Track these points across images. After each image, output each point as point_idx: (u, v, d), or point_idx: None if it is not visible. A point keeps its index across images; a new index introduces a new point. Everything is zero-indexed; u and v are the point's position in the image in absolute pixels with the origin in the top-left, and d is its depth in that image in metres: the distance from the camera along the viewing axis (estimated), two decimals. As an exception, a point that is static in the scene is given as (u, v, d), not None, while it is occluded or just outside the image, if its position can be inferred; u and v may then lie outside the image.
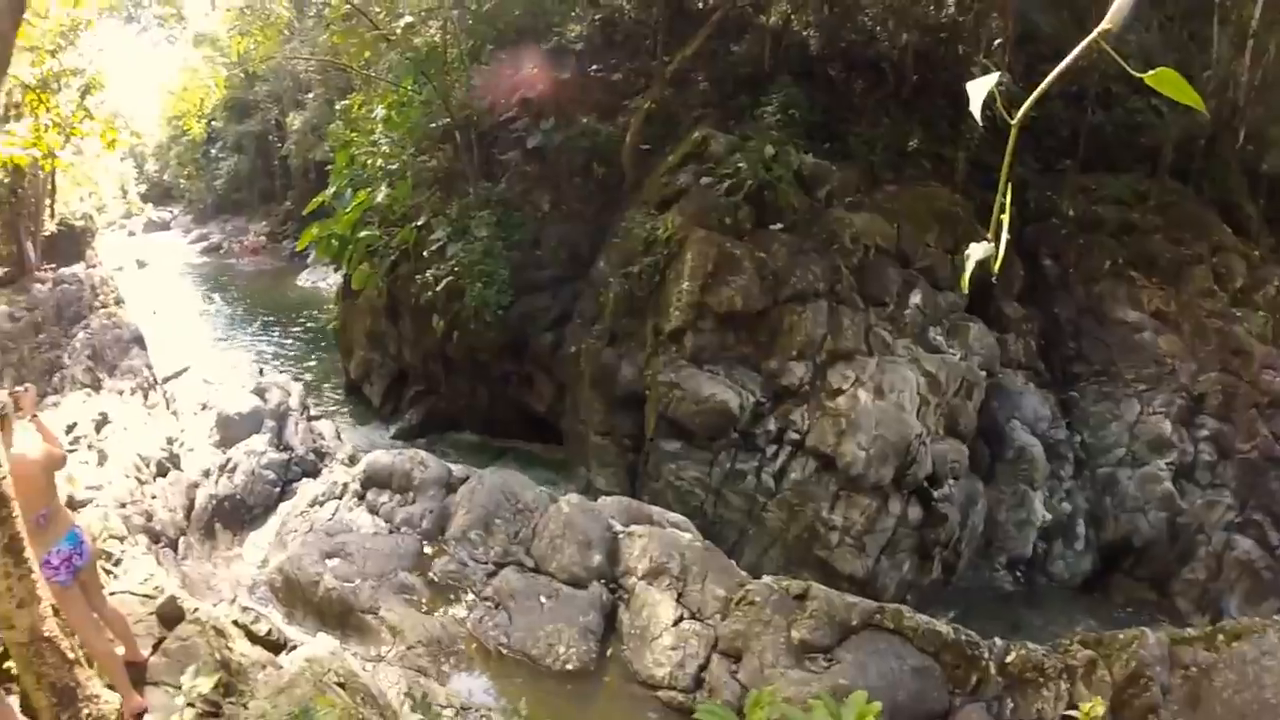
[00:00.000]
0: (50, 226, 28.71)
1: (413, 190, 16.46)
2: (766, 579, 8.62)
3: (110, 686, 5.02)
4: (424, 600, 8.88)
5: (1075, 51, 1.23)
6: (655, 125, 14.67)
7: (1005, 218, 1.32)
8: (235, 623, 6.37)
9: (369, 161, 17.54)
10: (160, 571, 7.00)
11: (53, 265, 25.62)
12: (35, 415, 5.07)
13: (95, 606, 5.07)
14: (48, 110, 16.56)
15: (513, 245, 14.76)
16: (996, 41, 13.65)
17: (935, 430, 11.30)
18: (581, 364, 13.38)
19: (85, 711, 2.84)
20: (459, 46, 16.61)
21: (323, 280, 28.69)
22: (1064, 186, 14.53)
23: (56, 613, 3.10)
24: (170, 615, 5.83)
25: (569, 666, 8.09)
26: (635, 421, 12.51)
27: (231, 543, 11.35)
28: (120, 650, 5.14)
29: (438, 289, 14.40)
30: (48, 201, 29.28)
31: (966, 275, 1.43)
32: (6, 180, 23.10)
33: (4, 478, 2.78)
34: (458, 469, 10.82)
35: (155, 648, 5.59)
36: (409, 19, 16.86)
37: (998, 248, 1.37)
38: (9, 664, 4.00)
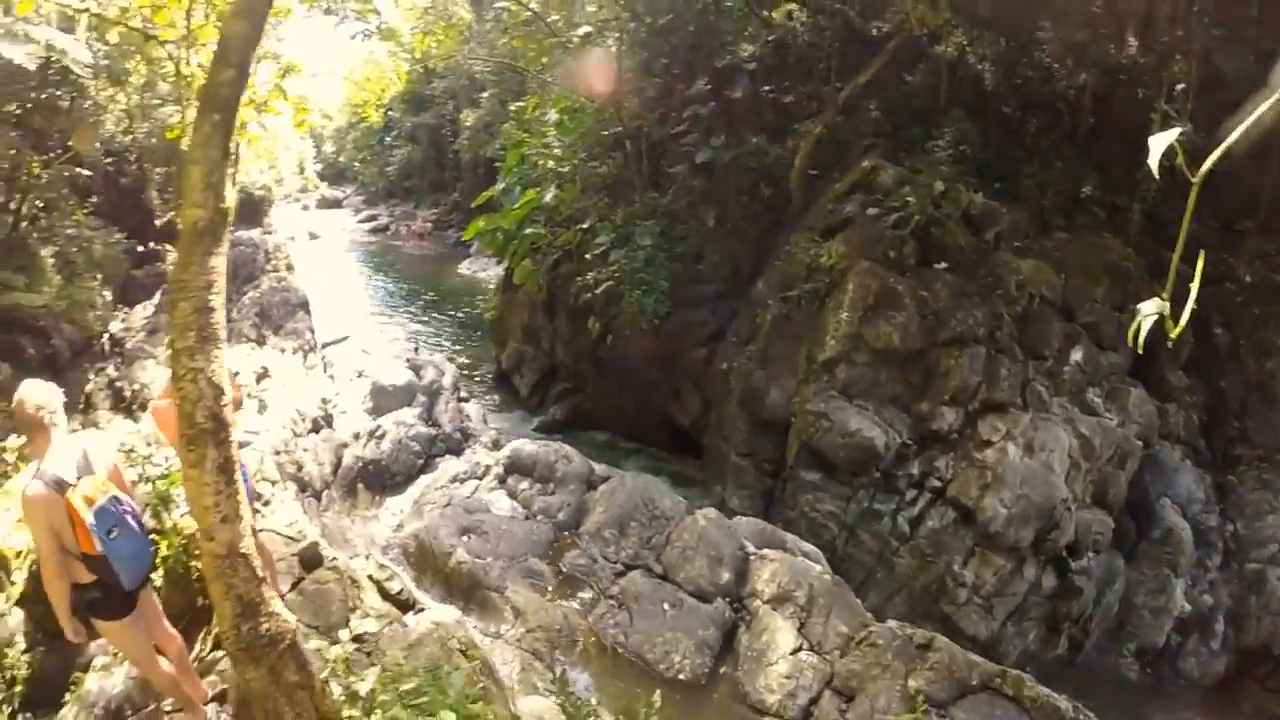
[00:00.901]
0: (232, 193, 30.60)
1: (580, 194, 16.98)
2: (891, 623, 8.55)
3: None
4: (550, 588, 9.13)
5: (1263, 108, 1.19)
6: (825, 150, 14.66)
7: (1194, 282, 1.26)
8: (370, 577, 6.79)
9: (539, 162, 18.20)
10: (304, 518, 7.52)
11: (231, 228, 27.11)
12: None
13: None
14: (249, 88, 17.63)
15: (674, 257, 15.01)
16: (1179, 86, 13.02)
17: (1082, 497, 10.93)
18: (731, 382, 13.47)
19: (265, 625, 3.11)
20: (633, 59, 17.01)
21: (483, 271, 29.67)
22: (1242, 250, 13.49)
23: (254, 533, 3.38)
24: (310, 559, 6.37)
25: (681, 676, 8.19)
26: (777, 447, 12.47)
27: (370, 504, 11.93)
28: None
29: (597, 292, 14.81)
30: (231, 170, 31.25)
31: (1139, 335, 1.39)
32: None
33: (225, 405, 3.08)
34: (600, 468, 11.11)
35: (293, 586, 6.13)
36: (587, 28, 17.43)
37: (1178, 311, 1.32)
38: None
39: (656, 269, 14.56)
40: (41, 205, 19.44)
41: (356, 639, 5.51)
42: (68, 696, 6.17)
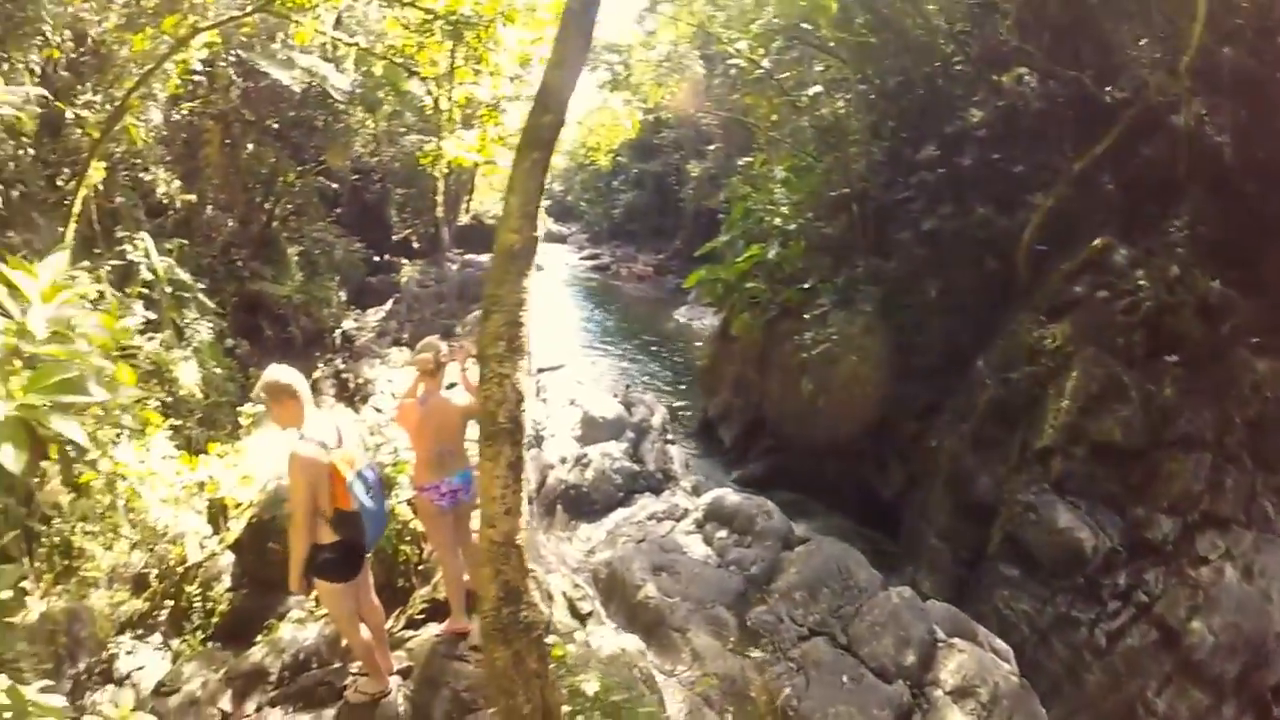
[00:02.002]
0: (464, 219, 33.14)
1: (804, 253, 17.19)
2: (1072, 742, 8.22)
3: (447, 603, 6.15)
4: (732, 639, 9.24)
5: None
6: (1054, 225, 14.16)
7: None
8: (564, 593, 7.33)
9: (764, 218, 18.60)
10: None
11: (461, 251, 29.57)
12: (464, 370, 6.19)
13: (460, 538, 6.18)
14: (496, 125, 19.16)
15: (895, 326, 14.97)
16: None
17: (1297, 633, 10.05)
18: (939, 461, 13.27)
19: (524, 613, 3.49)
20: (861, 120, 17.16)
21: (698, 320, 30.29)
22: None
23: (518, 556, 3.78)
24: None
25: (847, 753, 8.15)
26: (978, 534, 12.14)
27: (566, 526, 12.58)
28: (465, 578, 6.20)
29: (814, 353, 14.96)
30: (465, 198, 33.86)
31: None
32: (447, 174, 27.07)
33: (524, 410, 3.52)
34: (799, 528, 11.22)
35: None
36: (817, 88, 17.74)
37: None
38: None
39: (875, 337, 14.60)
40: (292, 209, 21.90)
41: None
42: (259, 638, 7.04)
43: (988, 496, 12.15)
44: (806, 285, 16.36)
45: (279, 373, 4.84)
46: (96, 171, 10.84)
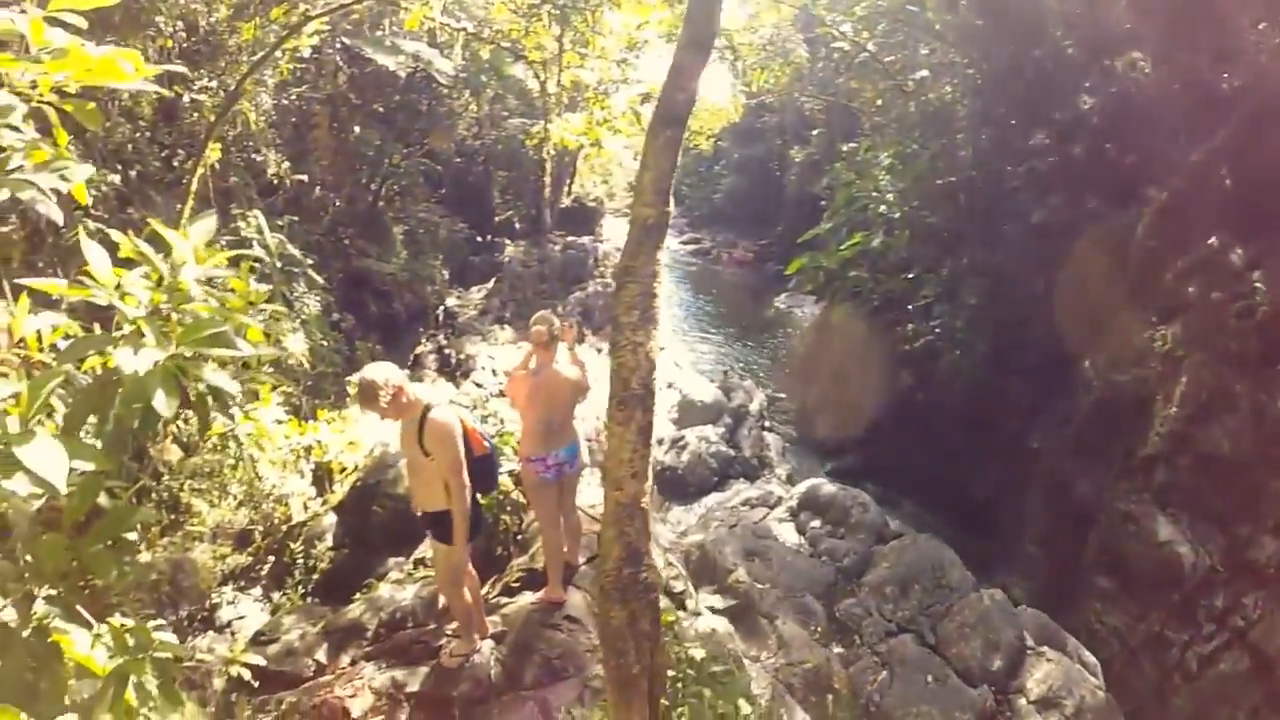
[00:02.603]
0: (566, 201, 33.67)
1: (909, 242, 17.01)
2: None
3: (544, 573, 6.47)
4: (819, 629, 9.47)
5: None
6: (1168, 221, 13.51)
7: None
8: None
9: (869, 206, 18.40)
10: (599, 505, 8.40)
11: (563, 233, 30.11)
12: (573, 347, 6.47)
13: (564, 510, 6.47)
14: (602, 108, 19.59)
15: (999, 321, 14.69)
16: None
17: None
18: (1039, 463, 13.05)
19: (644, 574, 3.65)
20: (969, 106, 16.79)
21: (798, 307, 30.18)
22: None
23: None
24: None
25: (927, 754, 8.17)
26: (1075, 542, 11.86)
27: (660, 507, 12.79)
28: (564, 550, 6.51)
29: (915, 345, 14.90)
30: (567, 181, 34.38)
31: None
32: (550, 157, 27.60)
33: (654, 378, 3.72)
34: (894, 523, 11.36)
35: (589, 560, 6.91)
36: (924, 73, 17.40)
37: None
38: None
39: (979, 331, 14.37)
40: (398, 190, 22.69)
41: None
42: (358, 596, 7.41)
43: (1087, 504, 11.85)
44: (910, 275, 16.22)
45: (381, 371, 5.12)
46: (213, 152, 11.44)
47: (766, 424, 16.21)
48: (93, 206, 9.04)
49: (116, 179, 9.12)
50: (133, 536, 3.02)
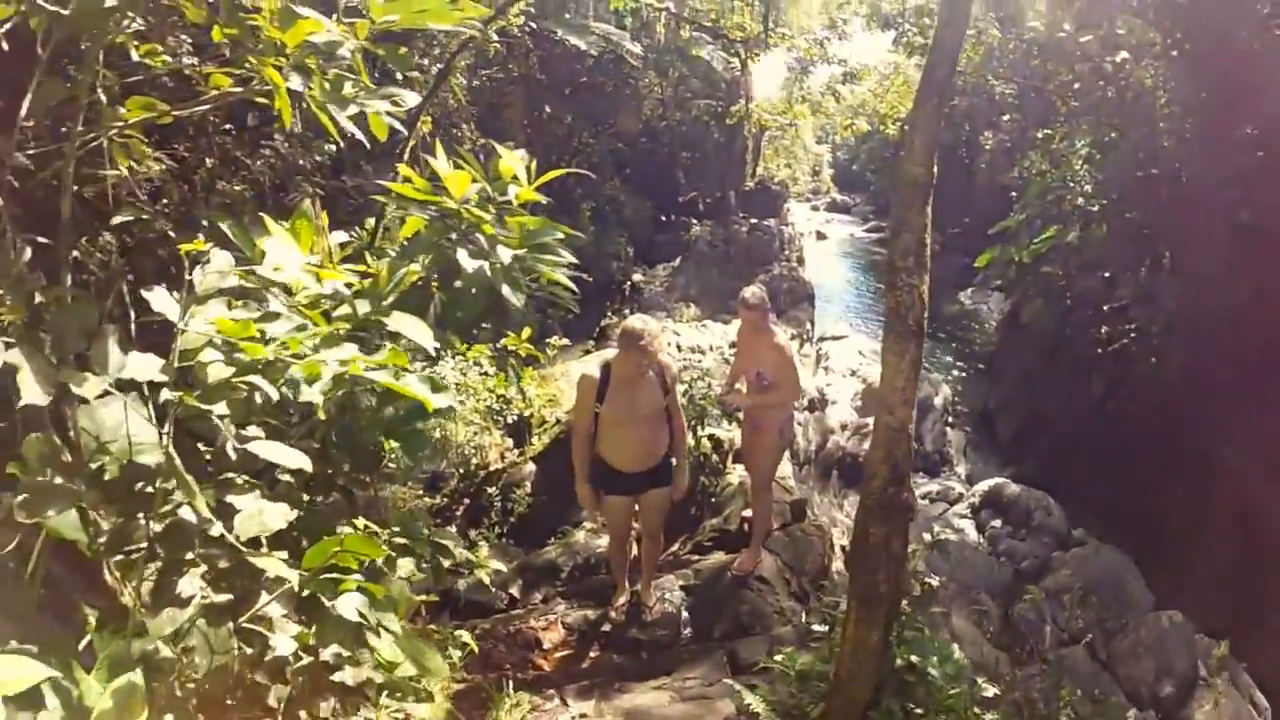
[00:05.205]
0: (750, 184, 34.15)
1: (1106, 238, 16.49)
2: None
3: (736, 534, 7.18)
4: (991, 629, 9.63)
5: None
6: None
7: None
8: (842, 547, 8.05)
9: (1064, 197, 17.82)
10: (790, 478, 8.99)
11: (746, 215, 30.69)
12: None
13: None
14: (801, 88, 20.19)
15: (1201, 330, 14.08)
16: None
17: None
18: (1234, 487, 12.60)
19: (905, 495, 4.14)
20: (1172, 91, 16.01)
21: (983, 302, 29.79)
22: None
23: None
24: (798, 510, 7.83)
25: (1080, 771, 8.32)
26: (1265, 575, 11.32)
27: (837, 491, 13.19)
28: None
29: (1108, 348, 14.50)
30: (752, 163, 34.81)
31: None
32: (750, 135, 28.39)
33: (925, 316, 4.22)
34: (1077, 530, 11.50)
35: (782, 527, 7.53)
36: (1124, 55, 16.62)
37: None
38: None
39: (1178, 339, 13.91)
40: (586, 167, 23.83)
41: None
42: (553, 540, 8.22)
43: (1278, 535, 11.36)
44: (1107, 274, 15.82)
45: (647, 321, 5.74)
46: (424, 124, 12.54)
47: (950, 420, 16.29)
48: (307, 177, 9.99)
49: (332, 147, 10.04)
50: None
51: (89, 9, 2.65)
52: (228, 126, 8.04)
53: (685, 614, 6.62)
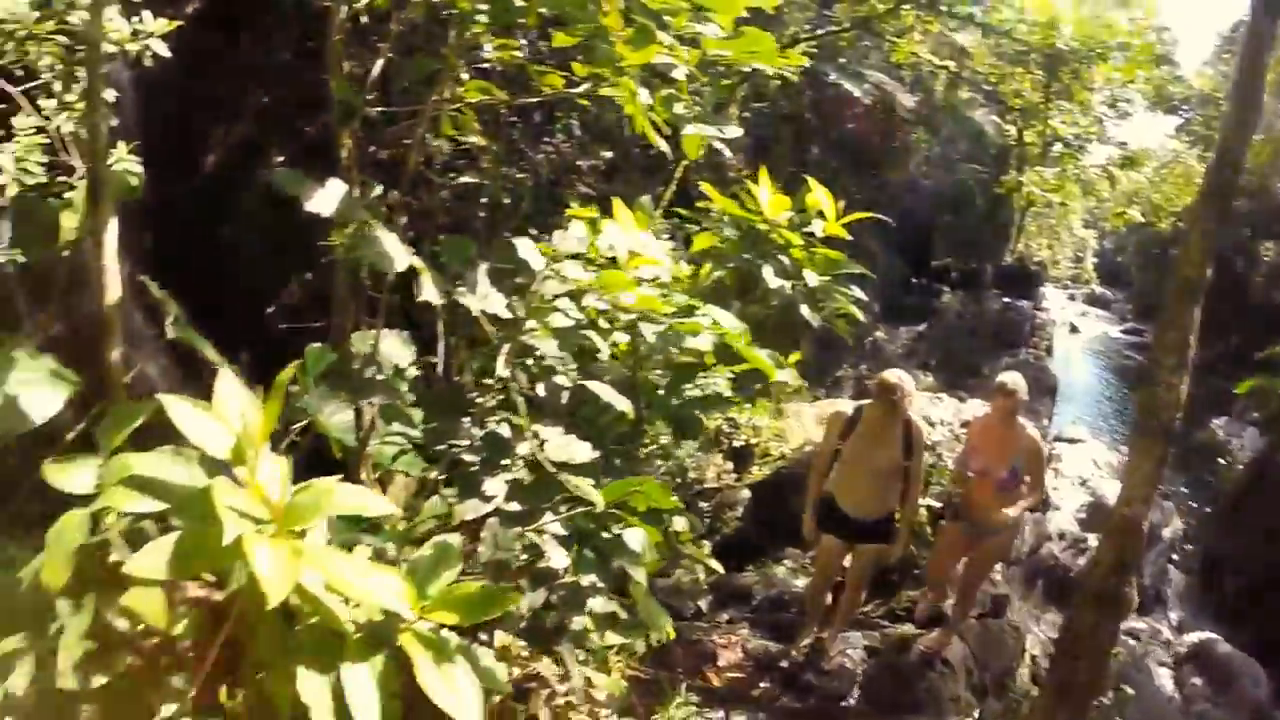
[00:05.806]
0: (1008, 259, 32.96)
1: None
2: None
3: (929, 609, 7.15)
4: None
5: None
6: None
7: None
8: (1033, 655, 7.88)
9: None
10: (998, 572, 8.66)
11: (999, 291, 29.67)
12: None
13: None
14: (1074, 165, 19.46)
15: None
16: None
17: None
18: None
19: (1125, 588, 4.35)
20: None
21: (1237, 435, 27.60)
22: None
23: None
24: (999, 605, 7.89)
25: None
26: None
27: (1039, 602, 12.24)
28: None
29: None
30: (1013, 238, 33.54)
31: None
32: (1020, 207, 27.53)
33: (1178, 417, 4.30)
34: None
35: (978, 617, 7.43)
36: None
37: None
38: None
39: None
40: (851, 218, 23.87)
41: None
42: (751, 567, 8.31)
43: None
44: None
45: (903, 375, 5.77)
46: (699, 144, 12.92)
47: (1174, 557, 15.19)
48: (581, 177, 10.40)
49: (608, 154, 10.43)
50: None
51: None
52: (514, 119, 8.57)
53: (860, 675, 6.56)
